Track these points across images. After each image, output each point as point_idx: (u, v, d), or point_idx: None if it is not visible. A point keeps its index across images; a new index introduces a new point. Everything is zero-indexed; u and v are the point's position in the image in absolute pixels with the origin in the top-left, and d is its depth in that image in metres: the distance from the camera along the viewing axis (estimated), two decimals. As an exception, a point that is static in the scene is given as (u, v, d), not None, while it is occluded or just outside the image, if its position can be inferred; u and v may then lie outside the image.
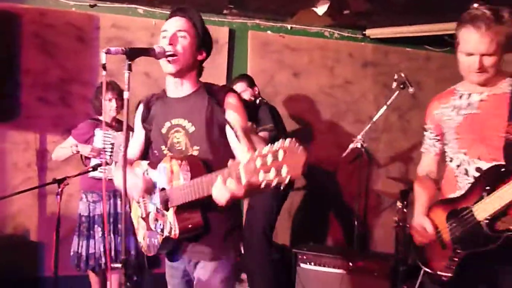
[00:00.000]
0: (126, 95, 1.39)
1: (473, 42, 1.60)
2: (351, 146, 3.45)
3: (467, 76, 1.72)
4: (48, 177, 3.46)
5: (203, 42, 1.62)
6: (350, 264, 3.00)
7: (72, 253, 2.94)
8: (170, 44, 1.53)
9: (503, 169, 1.61)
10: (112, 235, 2.81)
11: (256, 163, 1.09)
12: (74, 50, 3.56)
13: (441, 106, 1.86)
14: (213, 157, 1.55)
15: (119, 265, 1.35)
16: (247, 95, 3.14)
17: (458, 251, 1.70)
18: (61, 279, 2.67)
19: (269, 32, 4.05)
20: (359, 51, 4.22)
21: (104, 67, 1.36)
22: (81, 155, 2.97)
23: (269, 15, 3.93)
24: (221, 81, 3.83)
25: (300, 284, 3.12)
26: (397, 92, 3.38)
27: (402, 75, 3.39)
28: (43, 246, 3.51)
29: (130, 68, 1.39)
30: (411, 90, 3.34)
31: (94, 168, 2.75)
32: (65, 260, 2.90)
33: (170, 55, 1.52)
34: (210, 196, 1.34)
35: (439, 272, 1.76)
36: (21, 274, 3.40)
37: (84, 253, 2.88)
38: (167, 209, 1.52)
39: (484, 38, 1.58)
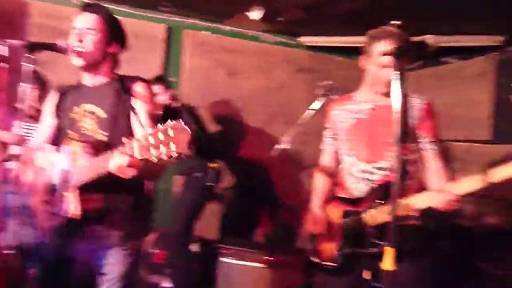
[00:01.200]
0: (24, 87, 1.42)
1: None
2: (279, 146, 3.61)
3: (376, 86, 1.89)
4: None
5: (114, 36, 1.70)
6: (271, 258, 3.14)
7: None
8: (78, 41, 1.60)
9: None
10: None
11: (149, 139, 1.22)
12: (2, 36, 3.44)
13: (337, 109, 2.05)
14: (119, 143, 1.61)
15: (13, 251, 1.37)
16: (163, 97, 3.22)
17: (345, 247, 1.88)
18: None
19: (205, 32, 4.13)
20: (294, 57, 4.41)
21: (3, 59, 1.39)
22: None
23: (206, 16, 4.01)
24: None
25: (221, 278, 3.22)
26: (322, 99, 3.57)
27: (329, 82, 3.59)
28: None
29: (32, 62, 1.42)
30: (335, 97, 3.55)
31: (14, 158, 2.69)
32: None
33: (77, 52, 1.57)
34: (110, 175, 1.39)
35: (326, 262, 1.94)
36: None
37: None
38: (67, 190, 1.55)
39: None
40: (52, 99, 1.79)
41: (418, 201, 1.70)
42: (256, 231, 4.31)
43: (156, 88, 3.19)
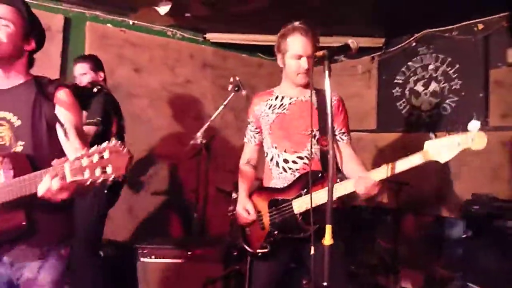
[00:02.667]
0: None
1: (301, 45, 1.95)
2: (192, 142, 3.66)
3: (294, 79, 2.03)
4: None
5: (30, 31, 1.56)
6: (188, 253, 3.18)
7: None
8: None
9: (319, 175, 1.95)
10: None
11: (82, 161, 1.16)
12: None
13: (260, 103, 2.16)
14: (39, 153, 1.51)
15: None
16: (86, 78, 2.94)
17: (275, 233, 2.02)
18: None
19: (109, 25, 3.96)
20: (200, 53, 4.48)
21: None
22: None
23: (110, 8, 3.85)
24: (54, 70, 3.60)
25: (141, 279, 3.16)
26: (232, 94, 3.72)
27: (237, 79, 3.74)
28: None
29: None
30: (244, 92, 3.71)
31: None
32: None
33: None
34: (34, 195, 1.31)
35: (258, 250, 2.06)
36: None
37: None
38: None
39: (309, 42, 1.96)
40: None
41: (341, 188, 1.86)
42: (170, 230, 4.30)
43: (79, 68, 2.92)
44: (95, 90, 2.90)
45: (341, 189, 1.86)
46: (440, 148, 1.61)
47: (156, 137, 4.18)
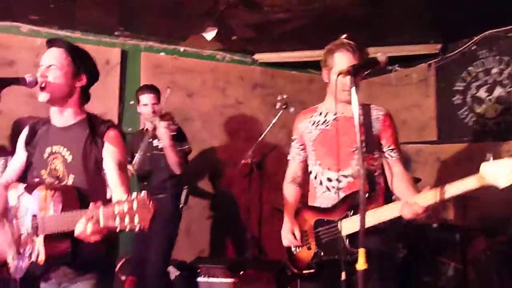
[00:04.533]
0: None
1: (348, 62, 1.89)
2: (243, 161, 3.71)
3: (339, 95, 1.92)
4: None
5: (79, 68, 1.69)
6: (241, 273, 3.19)
7: None
8: (42, 76, 1.61)
9: (366, 195, 1.83)
10: None
11: (114, 209, 1.25)
12: None
13: (304, 120, 2.13)
14: (88, 187, 1.62)
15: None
16: (153, 108, 3.10)
17: (321, 255, 1.96)
18: None
19: (162, 54, 4.18)
20: (249, 74, 4.56)
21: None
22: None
23: (162, 38, 4.06)
24: (113, 102, 3.84)
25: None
26: (280, 112, 3.72)
27: (284, 96, 3.75)
28: None
29: (-3, 98, 1.43)
30: (291, 110, 3.70)
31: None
32: None
33: (41, 87, 1.59)
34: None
35: (304, 271, 2.01)
36: None
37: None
38: (37, 235, 1.55)
39: (356, 58, 1.90)
40: (24, 134, 1.78)
41: (387, 212, 1.79)
42: (225, 249, 4.34)
43: (147, 98, 3.10)
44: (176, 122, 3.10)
45: (386, 213, 1.78)
46: (499, 171, 1.46)
47: (210, 158, 4.27)
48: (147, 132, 3.03)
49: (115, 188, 1.61)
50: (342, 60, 1.93)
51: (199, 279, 3.26)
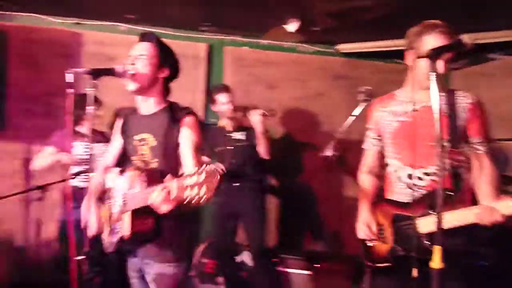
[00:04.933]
0: (90, 109, 1.60)
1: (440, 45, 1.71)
2: (322, 154, 3.67)
3: (424, 81, 1.79)
4: (33, 184, 3.64)
5: (164, 61, 1.85)
6: (316, 266, 3.19)
7: (54, 256, 3.12)
8: (131, 64, 1.77)
9: (450, 194, 1.76)
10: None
11: (184, 182, 1.35)
12: (59, 65, 3.77)
13: (380, 109, 2.03)
14: (169, 169, 1.76)
15: (83, 257, 1.55)
16: (228, 107, 3.30)
17: (398, 250, 1.88)
18: (45, 285, 2.82)
19: (245, 47, 4.29)
20: (331, 65, 4.47)
21: (71, 86, 1.58)
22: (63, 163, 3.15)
23: (245, 32, 4.17)
24: (200, 94, 4.05)
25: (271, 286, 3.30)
26: (362, 104, 3.60)
27: (367, 88, 3.61)
28: (27, 250, 3.69)
29: (94, 86, 1.61)
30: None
31: (75, 176, 2.93)
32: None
33: (131, 74, 1.74)
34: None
35: (377, 264, 1.96)
36: (6, 277, 3.56)
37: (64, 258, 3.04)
38: (125, 212, 1.72)
39: (448, 42, 1.73)
40: (119, 124, 1.99)
41: (463, 216, 1.67)
42: (303, 241, 4.35)
43: (223, 97, 3.30)
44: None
45: (463, 217, 1.66)
46: None
47: (289, 151, 4.30)
48: (224, 128, 3.28)
49: (189, 167, 1.72)
50: (431, 43, 1.75)
51: (276, 268, 3.32)
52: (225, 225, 3.44)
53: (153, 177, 1.67)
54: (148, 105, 1.86)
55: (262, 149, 3.27)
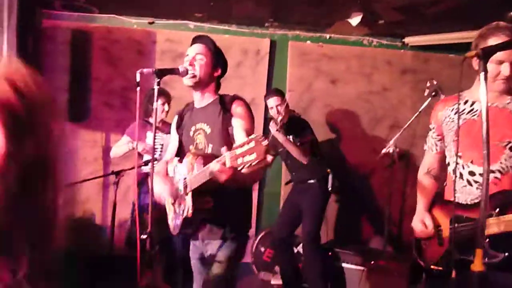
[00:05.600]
0: (155, 105, 1.78)
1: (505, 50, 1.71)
2: (384, 151, 3.61)
3: (490, 85, 1.74)
4: (111, 170, 4.02)
5: (217, 62, 2.03)
6: (372, 262, 3.17)
7: (126, 236, 3.45)
8: (190, 65, 1.95)
9: None
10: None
11: (236, 151, 1.47)
12: (134, 61, 4.11)
13: (446, 109, 1.99)
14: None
15: (145, 236, 1.73)
16: (282, 108, 3.39)
17: (454, 253, 1.80)
18: (117, 258, 3.15)
19: (308, 42, 4.31)
20: (398, 59, 4.33)
21: (138, 84, 1.77)
22: (137, 152, 3.45)
23: (308, 26, 4.19)
24: (262, 89, 4.16)
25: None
26: (429, 99, 3.47)
27: (435, 82, 3.47)
28: (106, 228, 4.10)
29: (159, 84, 1.78)
30: (442, 97, 3.41)
31: (146, 164, 3.21)
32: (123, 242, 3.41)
33: (192, 74, 1.92)
34: (215, 181, 1.67)
35: (431, 266, 1.93)
36: (86, 252, 3.99)
37: (134, 236, 3.36)
38: (186, 194, 1.87)
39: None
40: (175, 121, 2.19)
41: None
42: (359, 238, 4.31)
43: (274, 100, 3.42)
44: (297, 115, 3.51)
45: None
46: None
47: (351, 146, 4.27)
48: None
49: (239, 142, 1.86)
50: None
51: (332, 261, 3.36)
52: (284, 217, 3.57)
53: (209, 159, 1.78)
54: (203, 99, 2.04)
55: (296, 156, 3.32)
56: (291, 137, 3.34)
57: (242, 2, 3.61)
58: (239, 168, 1.48)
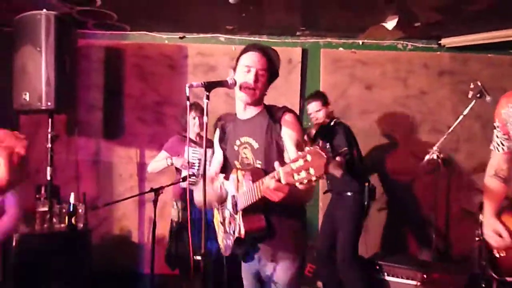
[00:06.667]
0: (205, 119, 1.70)
1: None
2: (427, 157, 3.45)
3: None
4: (146, 186, 3.99)
5: (275, 75, 1.90)
6: (425, 276, 3.00)
7: (166, 254, 3.39)
8: (254, 81, 1.81)
9: None
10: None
11: (291, 166, 1.35)
12: (167, 76, 4.11)
13: (509, 106, 1.85)
14: (273, 168, 1.77)
15: (199, 258, 1.65)
16: (322, 113, 3.27)
17: None
18: (156, 276, 3.09)
19: (340, 48, 4.22)
20: (435, 61, 4.19)
21: (188, 98, 1.71)
22: (175, 167, 3.41)
23: (340, 33, 4.10)
24: (295, 98, 4.09)
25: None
26: (473, 101, 3.32)
27: (479, 83, 3.32)
28: (143, 246, 4.07)
29: (208, 98, 1.71)
30: (488, 99, 3.26)
31: (184, 179, 3.15)
32: (161, 260, 3.35)
33: (251, 90, 1.80)
34: (265, 199, 1.56)
35: (507, 278, 1.80)
36: (124, 270, 3.96)
37: (174, 254, 3.30)
38: (236, 213, 1.78)
39: None
40: (217, 135, 2.07)
41: None
42: (404, 248, 4.13)
43: (314, 105, 3.30)
44: (332, 123, 3.24)
45: None
46: None
47: (390, 152, 4.12)
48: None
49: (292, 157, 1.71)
50: None
51: (378, 276, 3.20)
52: (324, 230, 3.44)
53: (258, 175, 1.69)
54: (248, 110, 1.90)
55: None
56: (327, 144, 3.15)
57: (273, 12, 3.56)
58: (296, 184, 1.36)
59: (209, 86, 1.71)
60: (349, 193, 3.24)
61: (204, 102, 1.70)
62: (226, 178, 1.93)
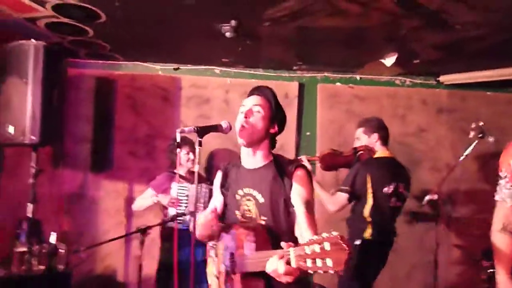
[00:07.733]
0: (196, 168, 1.56)
1: None
2: (427, 198, 3.33)
3: None
4: (134, 222, 3.81)
5: (275, 117, 1.77)
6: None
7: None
8: (245, 117, 1.70)
9: None
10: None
11: (305, 249, 1.19)
12: (159, 108, 3.99)
13: None
14: (278, 226, 1.65)
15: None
16: (359, 142, 3.11)
17: None
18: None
19: (338, 83, 4.15)
20: (433, 98, 4.13)
21: (178, 144, 1.57)
22: (161, 204, 3.25)
23: (338, 68, 4.04)
24: (291, 133, 3.97)
25: None
26: (475, 142, 3.23)
27: (480, 124, 3.25)
28: (128, 285, 3.83)
29: (200, 144, 1.58)
30: (491, 139, 3.18)
31: (172, 219, 2.98)
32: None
33: (242, 127, 1.69)
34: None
35: None
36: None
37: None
38: (234, 273, 1.63)
39: None
40: (218, 178, 1.91)
41: None
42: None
43: (360, 132, 3.14)
44: (356, 155, 3.07)
45: None
46: None
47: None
48: None
49: (303, 228, 1.59)
50: None
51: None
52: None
53: (261, 237, 1.57)
54: (254, 160, 1.77)
55: (324, 200, 2.98)
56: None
57: (270, 46, 3.49)
58: (308, 272, 1.20)
59: (202, 131, 1.59)
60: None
61: (197, 150, 1.57)
62: (225, 230, 1.77)
